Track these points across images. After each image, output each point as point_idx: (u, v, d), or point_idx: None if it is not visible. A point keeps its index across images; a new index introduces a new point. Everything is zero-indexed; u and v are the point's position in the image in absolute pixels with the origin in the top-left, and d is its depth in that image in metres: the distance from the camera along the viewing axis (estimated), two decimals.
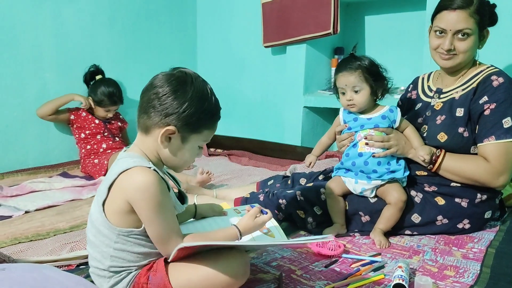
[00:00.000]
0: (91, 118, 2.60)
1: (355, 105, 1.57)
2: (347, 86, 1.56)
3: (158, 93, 1.04)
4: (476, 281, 1.26)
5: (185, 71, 1.08)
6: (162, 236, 1.02)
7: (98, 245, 1.06)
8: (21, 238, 1.59)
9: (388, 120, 1.58)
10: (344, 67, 1.56)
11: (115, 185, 1.02)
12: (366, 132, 1.57)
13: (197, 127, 1.07)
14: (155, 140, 1.06)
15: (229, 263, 1.02)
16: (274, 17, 2.84)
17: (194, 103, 1.04)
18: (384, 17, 2.71)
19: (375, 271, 1.33)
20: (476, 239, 1.56)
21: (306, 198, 1.66)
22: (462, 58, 1.53)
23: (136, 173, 1.00)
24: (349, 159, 1.59)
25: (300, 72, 2.78)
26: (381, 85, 1.57)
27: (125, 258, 1.05)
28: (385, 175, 1.55)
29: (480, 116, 1.51)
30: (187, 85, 1.05)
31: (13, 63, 2.46)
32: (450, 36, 1.50)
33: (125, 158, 1.05)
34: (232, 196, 1.91)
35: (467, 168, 1.51)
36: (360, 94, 1.55)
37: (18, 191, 2.11)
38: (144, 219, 1.01)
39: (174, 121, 1.04)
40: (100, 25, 2.82)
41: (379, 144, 1.54)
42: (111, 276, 1.06)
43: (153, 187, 0.98)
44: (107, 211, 1.04)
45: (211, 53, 3.39)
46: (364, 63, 1.55)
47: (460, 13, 1.47)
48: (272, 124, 3.10)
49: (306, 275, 1.30)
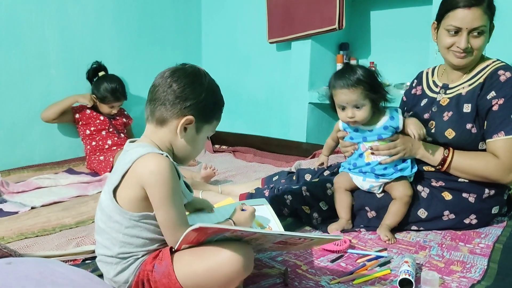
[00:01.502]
0: (96, 115, 2.61)
1: (357, 121, 1.52)
2: (348, 103, 1.50)
3: (175, 86, 1.09)
4: (483, 277, 1.25)
5: (195, 66, 1.15)
6: (172, 221, 1.04)
7: (108, 231, 1.08)
8: (27, 233, 1.60)
9: (391, 128, 1.53)
10: (343, 83, 1.49)
11: (129, 173, 1.05)
12: (370, 143, 1.55)
13: (210, 118, 1.15)
14: (171, 131, 1.10)
15: (234, 255, 1.02)
16: (279, 13, 2.82)
17: (210, 94, 1.12)
18: (390, 12, 2.69)
19: (381, 266, 1.32)
20: (483, 234, 1.55)
21: (311, 193, 1.65)
22: (476, 55, 1.51)
23: (150, 159, 1.03)
24: (357, 168, 1.59)
25: (305, 68, 2.77)
26: (381, 97, 1.52)
27: (133, 243, 1.07)
28: (393, 174, 1.54)
29: (488, 111, 1.49)
30: (201, 77, 1.12)
31: (19, 60, 2.47)
32: (465, 35, 1.46)
33: (136, 148, 1.08)
34: (237, 192, 1.91)
35: (477, 165, 1.50)
36: (362, 110, 1.50)
37: (24, 187, 2.12)
38: (157, 203, 1.04)
39: (192, 111, 1.09)
40: (105, 22, 2.82)
41: (386, 152, 1.52)
42: (118, 263, 1.08)
43: (167, 172, 1.02)
44: (119, 198, 1.06)
45: (216, 49, 3.38)
46: (363, 77, 1.47)
47: (475, 10, 1.44)
48: (277, 121, 3.09)
49: (312, 270, 1.30)
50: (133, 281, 1.08)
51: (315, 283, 1.22)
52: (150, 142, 1.11)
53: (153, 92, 1.12)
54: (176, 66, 1.14)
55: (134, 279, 1.08)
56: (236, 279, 1.05)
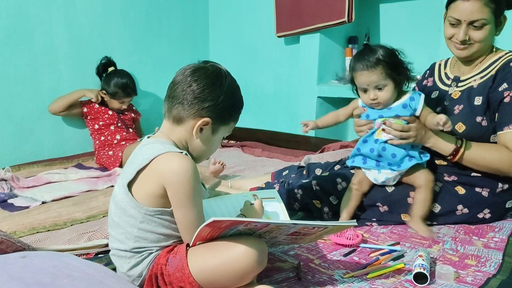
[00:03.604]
0: (104, 109, 2.60)
1: (380, 102, 1.48)
2: (369, 85, 1.46)
3: (195, 85, 1.08)
4: (498, 270, 1.24)
5: (217, 65, 1.14)
6: (191, 221, 1.04)
7: (122, 225, 1.08)
8: (39, 228, 1.60)
9: (410, 108, 1.48)
10: (362, 65, 1.45)
11: (147, 169, 1.05)
12: (385, 118, 1.50)
13: (227, 119, 1.14)
14: (187, 130, 1.09)
15: (248, 250, 1.02)
16: (287, 6, 2.80)
17: (228, 96, 1.11)
18: (400, 5, 2.65)
19: (395, 260, 1.31)
20: (497, 228, 1.53)
21: (322, 187, 1.64)
22: (477, 47, 1.49)
23: (173, 158, 1.03)
24: (367, 145, 1.54)
25: (314, 62, 2.75)
26: (404, 75, 1.48)
27: (148, 238, 1.07)
28: (406, 162, 1.50)
29: (500, 103, 1.47)
30: (222, 79, 1.11)
31: (27, 55, 2.48)
32: (464, 27, 1.45)
33: (154, 144, 1.08)
34: (247, 186, 1.90)
35: (490, 157, 1.47)
36: (385, 91, 1.46)
37: (35, 182, 2.13)
38: (177, 203, 1.04)
39: (209, 113, 1.08)
40: (113, 17, 2.82)
41: (397, 133, 1.47)
42: (132, 257, 1.08)
43: (190, 173, 1.02)
44: (134, 192, 1.06)
45: (224, 44, 3.36)
46: (383, 57, 1.43)
47: (474, 3, 1.42)
48: (285, 115, 3.07)
49: (325, 264, 1.29)
50: (146, 274, 1.08)
51: (328, 277, 1.22)
52: (168, 139, 1.10)
53: (172, 89, 1.11)
54: (198, 64, 1.13)
55: (147, 272, 1.08)
56: (250, 274, 1.05)
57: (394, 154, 1.50)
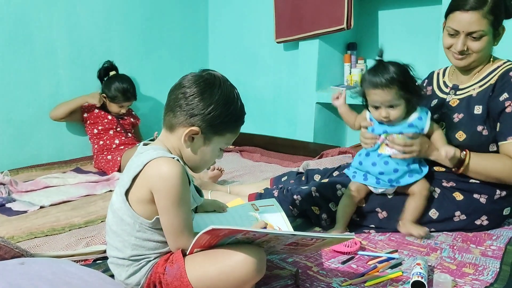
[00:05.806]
0: (103, 114, 2.61)
1: (391, 120, 1.47)
2: (382, 103, 1.45)
3: (186, 93, 1.06)
4: (496, 279, 1.24)
5: (214, 73, 1.11)
6: (175, 228, 1.04)
7: (120, 234, 1.08)
8: (37, 233, 1.60)
9: (416, 128, 1.48)
10: (376, 83, 1.43)
11: (140, 175, 1.04)
12: (389, 134, 1.50)
13: (221, 130, 1.10)
14: (179, 139, 1.08)
15: (246, 258, 1.02)
16: (287, 12, 2.81)
17: (219, 106, 1.07)
18: (399, 12, 2.67)
19: (393, 268, 1.31)
20: (495, 236, 1.53)
21: (321, 194, 1.64)
22: (475, 57, 1.50)
23: (162, 163, 1.02)
24: (369, 159, 1.55)
25: (313, 68, 2.76)
26: (417, 96, 1.47)
27: (145, 246, 1.07)
28: (407, 178, 1.51)
29: (501, 113, 1.48)
30: (214, 88, 1.07)
31: (27, 59, 2.48)
32: (462, 37, 1.46)
33: (148, 151, 1.07)
34: (246, 192, 1.90)
35: (493, 167, 1.48)
36: (397, 110, 1.45)
37: (33, 187, 2.12)
38: (162, 208, 1.03)
39: (198, 122, 1.06)
40: (114, 21, 2.82)
41: (400, 147, 1.48)
42: (130, 265, 1.08)
43: (176, 178, 1.01)
44: (131, 200, 1.06)
45: (223, 49, 3.37)
46: (397, 76, 1.41)
47: (473, 14, 1.43)
48: (284, 120, 3.08)
49: (323, 271, 1.29)
50: (144, 283, 1.08)
51: (326, 285, 1.22)
52: (163, 146, 1.10)
53: (168, 96, 1.11)
54: (195, 73, 1.11)
55: (145, 281, 1.08)
56: (249, 282, 1.04)
57: (396, 169, 1.51)
